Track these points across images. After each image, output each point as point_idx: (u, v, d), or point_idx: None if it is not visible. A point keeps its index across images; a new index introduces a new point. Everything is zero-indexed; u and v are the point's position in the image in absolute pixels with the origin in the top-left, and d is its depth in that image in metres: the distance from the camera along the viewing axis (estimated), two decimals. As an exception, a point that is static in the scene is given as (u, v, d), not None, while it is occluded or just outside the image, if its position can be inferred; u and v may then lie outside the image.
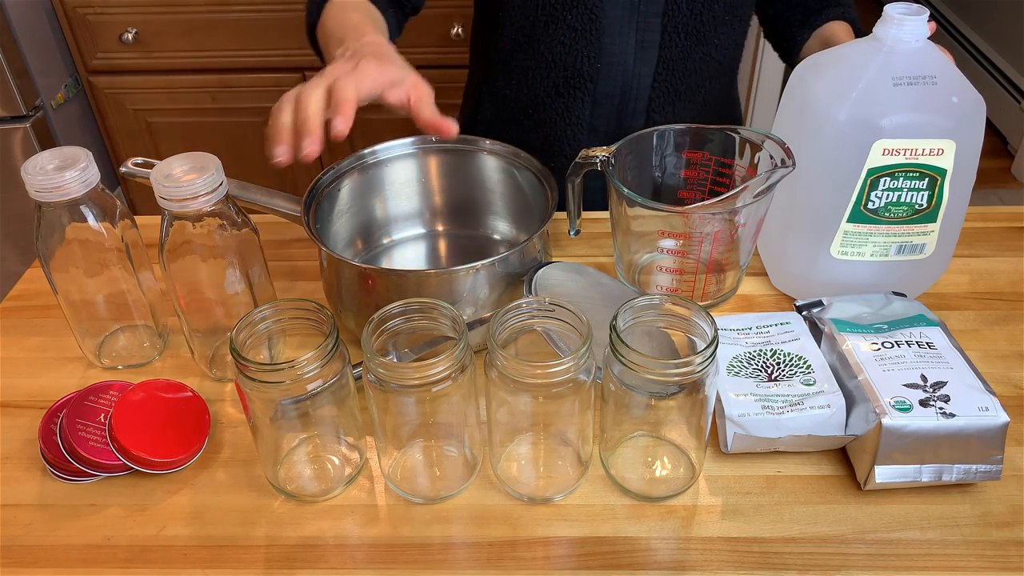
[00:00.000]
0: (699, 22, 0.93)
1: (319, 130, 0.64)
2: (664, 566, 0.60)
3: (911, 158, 0.72)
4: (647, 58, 0.95)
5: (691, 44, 0.95)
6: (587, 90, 0.96)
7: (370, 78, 0.68)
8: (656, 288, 0.82)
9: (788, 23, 1.01)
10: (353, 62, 0.69)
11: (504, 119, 1.04)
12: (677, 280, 0.80)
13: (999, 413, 0.62)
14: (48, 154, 0.69)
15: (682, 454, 0.67)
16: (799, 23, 0.99)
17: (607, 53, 0.94)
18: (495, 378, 0.60)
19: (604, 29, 0.92)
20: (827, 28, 0.97)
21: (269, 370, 0.58)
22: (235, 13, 1.78)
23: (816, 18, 0.98)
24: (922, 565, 0.60)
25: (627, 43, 0.93)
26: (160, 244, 0.68)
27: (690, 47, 0.95)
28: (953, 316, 0.81)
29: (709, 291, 0.82)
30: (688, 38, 0.94)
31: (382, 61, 0.70)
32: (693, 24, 0.93)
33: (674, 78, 0.97)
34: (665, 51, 0.94)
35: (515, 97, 1.01)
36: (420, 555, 0.61)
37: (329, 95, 0.66)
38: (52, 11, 1.79)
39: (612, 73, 0.95)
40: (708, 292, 0.82)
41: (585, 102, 0.97)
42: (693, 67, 0.97)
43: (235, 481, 0.67)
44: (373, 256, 0.91)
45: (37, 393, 0.76)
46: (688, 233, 0.76)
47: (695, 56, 0.96)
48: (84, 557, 0.62)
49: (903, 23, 0.70)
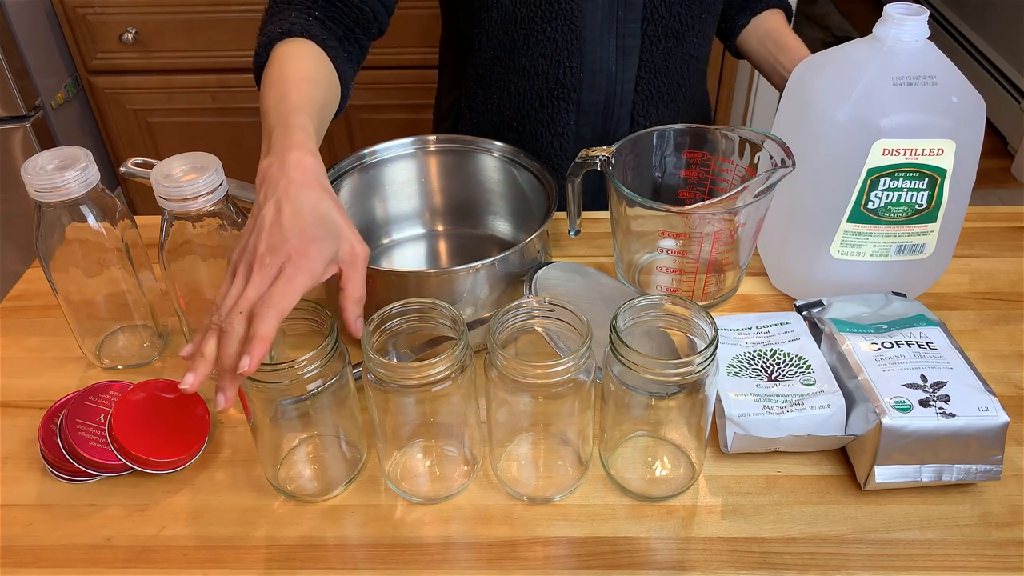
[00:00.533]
0: (678, 23, 0.94)
1: (233, 385, 0.58)
2: (664, 566, 0.60)
3: (911, 158, 0.72)
4: (629, 63, 0.95)
5: (671, 45, 0.95)
6: (571, 100, 0.96)
7: (295, 291, 0.58)
8: (656, 288, 0.82)
9: (729, 6, 1.04)
10: (277, 261, 0.58)
11: (486, 133, 1.03)
12: (677, 280, 0.80)
13: (999, 413, 0.62)
14: (48, 154, 0.69)
15: (682, 454, 0.67)
16: (739, 8, 1.04)
17: (589, 62, 0.94)
18: (495, 378, 0.60)
19: (585, 38, 0.92)
20: (767, 17, 1.02)
21: (269, 370, 0.58)
22: (235, 13, 1.77)
23: (756, 5, 1.03)
24: (922, 565, 0.60)
25: (608, 50, 0.93)
26: (160, 244, 0.68)
27: (670, 48, 0.96)
28: (953, 316, 0.81)
29: (709, 291, 0.82)
30: (668, 39, 0.95)
31: (307, 245, 0.59)
32: (672, 25, 0.94)
33: (656, 80, 0.97)
34: (646, 55, 0.95)
35: (497, 112, 1.01)
36: (420, 555, 0.61)
37: (249, 320, 0.57)
38: (52, 11, 1.79)
39: (595, 81, 0.95)
40: (708, 292, 0.82)
41: (570, 111, 0.97)
42: (674, 68, 0.98)
43: (235, 481, 0.67)
44: (373, 256, 0.91)
45: (37, 393, 0.76)
46: (688, 233, 0.76)
47: (675, 56, 0.97)
48: (84, 557, 0.62)
49: (903, 23, 0.70)
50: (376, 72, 1.82)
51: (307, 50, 0.76)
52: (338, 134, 1.92)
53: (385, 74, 1.82)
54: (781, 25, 1.02)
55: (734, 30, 1.04)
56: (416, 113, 1.87)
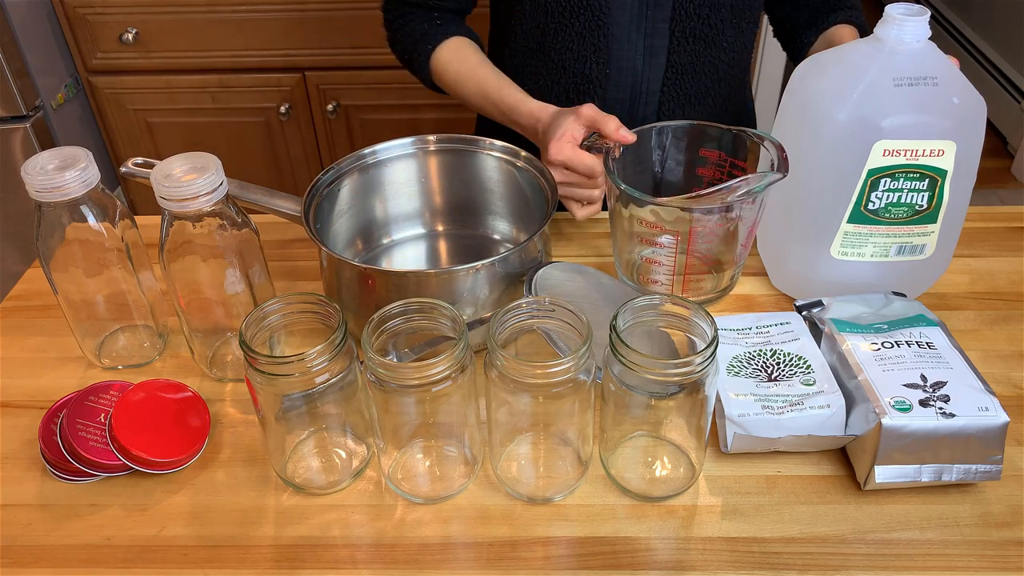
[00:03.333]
0: (707, 26, 0.94)
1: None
2: (664, 566, 0.60)
3: (911, 159, 0.72)
4: (656, 63, 0.95)
5: (699, 48, 0.95)
6: (597, 95, 0.97)
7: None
8: (653, 285, 0.82)
9: (795, 25, 1.01)
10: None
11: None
12: (673, 276, 0.80)
13: (999, 413, 0.62)
14: (48, 154, 0.69)
15: (682, 454, 0.67)
16: (806, 25, 1.00)
17: (616, 58, 0.94)
18: (495, 378, 0.60)
19: (612, 35, 0.93)
20: (834, 31, 0.98)
21: (279, 363, 0.58)
22: (235, 13, 1.77)
23: (822, 21, 0.99)
24: (922, 565, 0.60)
25: (635, 48, 0.94)
26: (160, 244, 0.68)
27: (698, 51, 0.95)
28: (953, 316, 0.81)
29: (705, 287, 0.82)
30: (696, 42, 0.94)
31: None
32: (701, 28, 0.94)
33: (684, 82, 0.97)
34: (674, 55, 0.95)
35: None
36: (420, 555, 0.61)
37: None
38: (52, 11, 1.79)
39: (621, 78, 0.96)
40: (704, 288, 0.82)
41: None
42: (702, 70, 0.97)
43: (235, 481, 0.67)
44: (373, 256, 0.91)
45: (37, 393, 0.76)
46: (683, 230, 0.76)
47: (704, 60, 0.96)
48: (84, 557, 0.62)
49: (904, 24, 0.70)
50: (376, 72, 1.82)
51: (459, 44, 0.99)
52: (338, 134, 1.92)
53: (385, 74, 1.82)
54: (846, 35, 0.96)
55: (802, 48, 1.01)
56: (416, 113, 1.87)
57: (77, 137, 1.91)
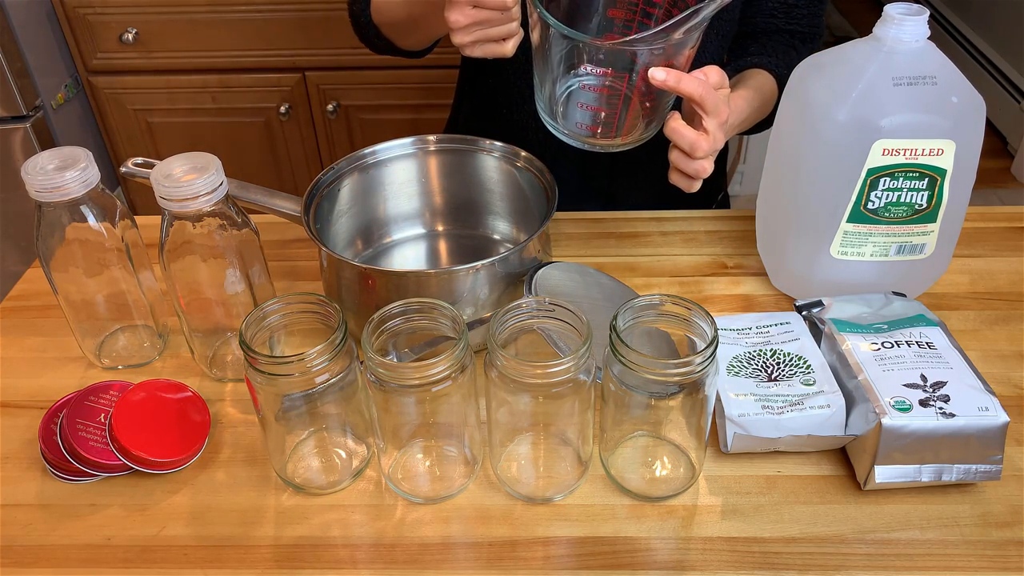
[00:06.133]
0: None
1: None
2: (664, 566, 0.60)
3: (911, 158, 0.72)
4: None
5: None
6: None
7: None
8: (577, 124, 0.76)
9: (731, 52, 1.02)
10: None
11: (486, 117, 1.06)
12: (598, 116, 0.74)
13: (999, 413, 0.62)
14: (48, 154, 0.69)
15: (682, 454, 0.67)
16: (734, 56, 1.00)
17: None
18: (495, 378, 0.60)
19: None
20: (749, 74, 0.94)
21: (279, 363, 0.58)
22: (235, 13, 1.77)
23: (738, 63, 0.97)
24: (922, 565, 0.60)
25: None
26: (160, 244, 0.68)
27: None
28: (953, 316, 0.81)
29: (633, 130, 0.75)
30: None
31: None
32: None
33: None
34: None
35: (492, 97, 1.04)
36: (420, 555, 0.61)
37: None
38: (52, 11, 1.79)
39: None
40: (631, 130, 0.75)
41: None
42: None
43: (235, 481, 0.67)
44: (373, 256, 0.91)
45: (37, 393, 0.76)
46: (611, 69, 0.71)
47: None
48: (84, 557, 0.62)
49: (903, 23, 0.70)
50: (376, 72, 1.82)
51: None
52: (338, 134, 1.92)
53: (385, 74, 1.82)
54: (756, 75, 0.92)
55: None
56: (416, 113, 1.87)
57: (77, 137, 1.91)
